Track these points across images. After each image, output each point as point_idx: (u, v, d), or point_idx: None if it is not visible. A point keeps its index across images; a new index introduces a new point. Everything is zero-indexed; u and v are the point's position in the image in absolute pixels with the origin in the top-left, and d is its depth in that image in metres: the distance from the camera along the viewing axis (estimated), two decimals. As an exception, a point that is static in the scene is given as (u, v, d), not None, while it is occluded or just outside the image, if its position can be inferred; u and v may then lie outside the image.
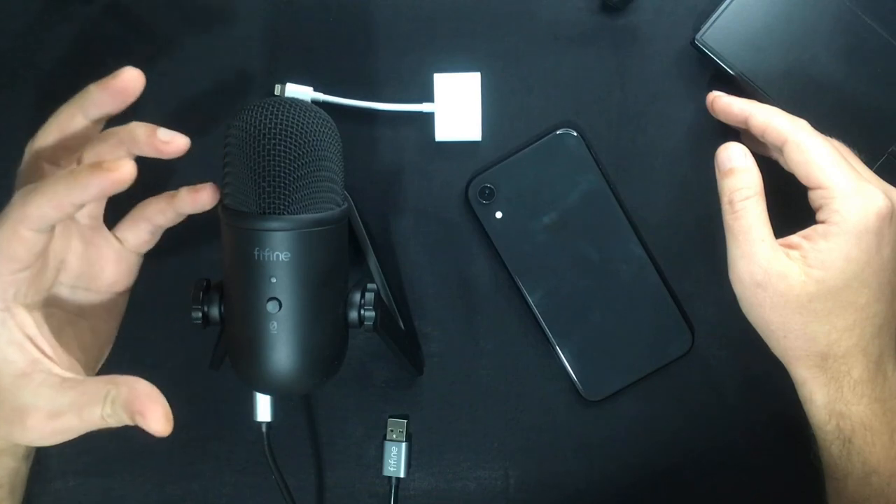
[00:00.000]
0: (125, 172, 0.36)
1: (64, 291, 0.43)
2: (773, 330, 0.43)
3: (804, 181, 0.43)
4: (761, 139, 0.45)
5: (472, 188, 0.53)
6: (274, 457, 0.45)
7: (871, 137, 0.50)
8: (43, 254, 0.39)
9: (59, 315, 0.42)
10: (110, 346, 0.47)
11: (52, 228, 0.38)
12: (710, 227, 0.51)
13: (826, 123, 0.45)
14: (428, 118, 0.53)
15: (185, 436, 0.55)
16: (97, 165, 0.36)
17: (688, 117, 0.54)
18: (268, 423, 0.44)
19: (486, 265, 0.55)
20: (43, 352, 0.39)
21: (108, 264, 0.44)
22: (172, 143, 0.39)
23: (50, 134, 0.41)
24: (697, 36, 0.51)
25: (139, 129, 0.39)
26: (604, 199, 0.53)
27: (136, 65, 0.53)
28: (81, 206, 0.37)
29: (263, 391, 0.43)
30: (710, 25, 0.50)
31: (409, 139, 0.54)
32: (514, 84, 0.54)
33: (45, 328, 0.40)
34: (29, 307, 0.39)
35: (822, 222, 0.42)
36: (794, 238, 0.43)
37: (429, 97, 0.53)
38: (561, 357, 0.54)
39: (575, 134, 0.53)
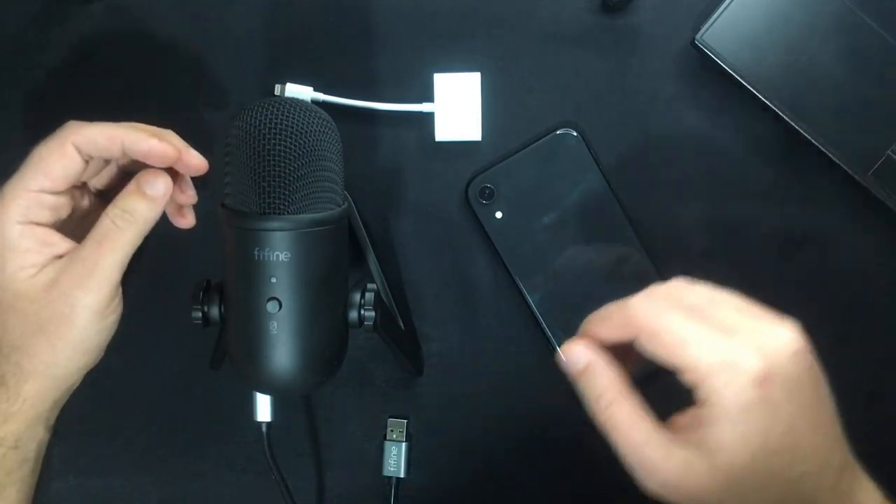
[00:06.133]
0: (172, 150, 0.40)
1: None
2: None
3: (666, 367, 0.37)
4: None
5: (472, 188, 0.53)
6: (274, 457, 0.45)
7: (871, 137, 0.50)
8: (70, 185, 0.40)
9: None
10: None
11: (87, 162, 0.40)
12: (711, 227, 0.51)
13: (826, 123, 0.45)
14: (428, 118, 0.53)
15: (185, 436, 0.55)
16: (160, 133, 0.40)
17: (688, 117, 0.54)
18: (268, 423, 0.44)
19: (486, 265, 0.55)
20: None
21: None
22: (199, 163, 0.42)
23: (97, 131, 0.40)
24: (697, 36, 0.51)
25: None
26: (604, 199, 0.53)
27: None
28: (121, 154, 0.40)
29: (263, 391, 0.43)
30: (710, 25, 0.50)
31: (409, 139, 0.54)
32: (514, 84, 0.54)
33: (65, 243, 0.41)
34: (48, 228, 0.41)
35: (703, 404, 0.35)
36: (682, 421, 0.37)
37: (429, 97, 0.53)
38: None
39: (575, 134, 0.53)
